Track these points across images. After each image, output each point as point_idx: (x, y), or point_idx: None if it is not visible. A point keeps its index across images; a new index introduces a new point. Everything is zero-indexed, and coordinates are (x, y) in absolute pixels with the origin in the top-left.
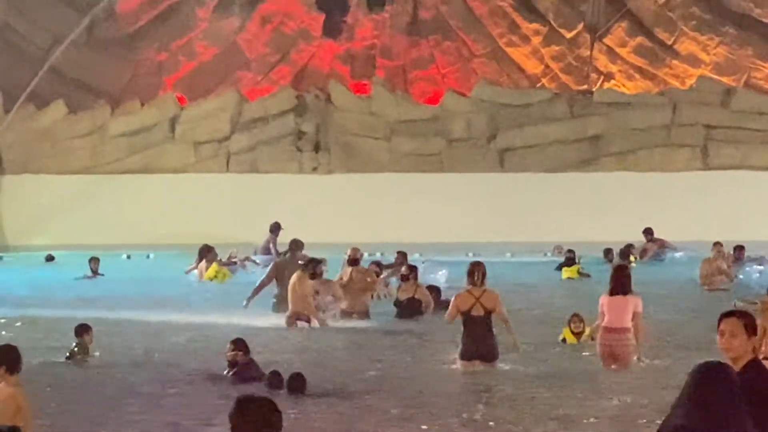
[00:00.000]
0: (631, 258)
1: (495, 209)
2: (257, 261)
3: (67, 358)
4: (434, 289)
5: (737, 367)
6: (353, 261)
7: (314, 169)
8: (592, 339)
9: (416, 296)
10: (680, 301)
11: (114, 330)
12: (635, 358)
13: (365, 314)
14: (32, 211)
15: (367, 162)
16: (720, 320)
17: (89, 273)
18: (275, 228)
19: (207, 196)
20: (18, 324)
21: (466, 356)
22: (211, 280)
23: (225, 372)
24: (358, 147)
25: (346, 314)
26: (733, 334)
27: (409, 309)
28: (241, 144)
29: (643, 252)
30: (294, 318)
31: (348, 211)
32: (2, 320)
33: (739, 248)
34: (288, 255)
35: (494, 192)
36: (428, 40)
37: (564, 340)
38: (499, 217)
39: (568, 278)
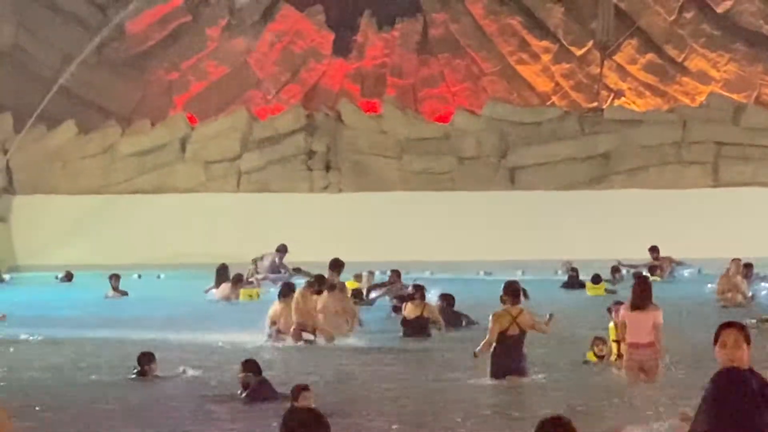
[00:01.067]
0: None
1: (506, 227)
2: (272, 281)
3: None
4: (447, 297)
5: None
6: (331, 286)
7: (325, 188)
8: (619, 356)
9: (424, 314)
10: (697, 318)
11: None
12: (663, 368)
13: (330, 338)
14: (43, 232)
15: (378, 180)
16: (720, 331)
17: (111, 291)
18: (283, 249)
19: (218, 216)
20: (67, 345)
21: (498, 374)
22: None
23: (239, 393)
24: (369, 166)
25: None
26: (737, 345)
27: (415, 328)
28: (251, 163)
29: (660, 269)
30: (299, 329)
31: (359, 230)
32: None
33: (747, 266)
34: (330, 274)
35: (505, 210)
36: (438, 59)
37: (587, 362)
38: (509, 234)
39: (595, 295)
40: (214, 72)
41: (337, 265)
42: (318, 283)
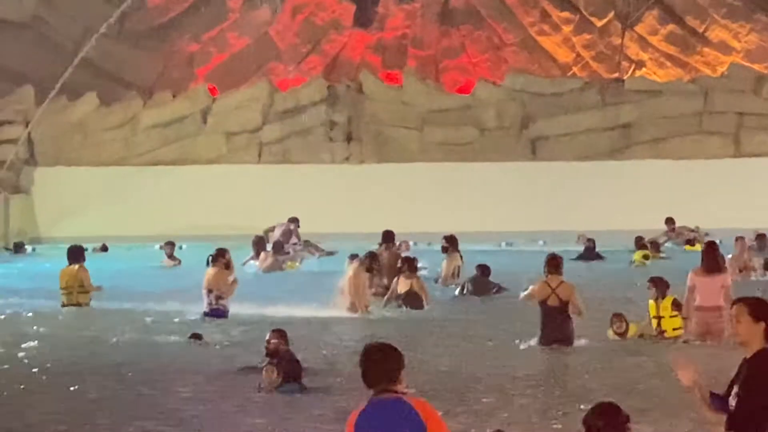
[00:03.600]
0: (645, 253)
1: (527, 198)
2: (320, 248)
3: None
4: (482, 267)
5: (748, 354)
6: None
7: (346, 159)
8: (641, 336)
9: (413, 288)
10: None
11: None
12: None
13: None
14: (64, 203)
15: (399, 152)
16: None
17: (165, 259)
18: (295, 220)
19: (239, 187)
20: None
21: (545, 342)
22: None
23: (261, 362)
24: (390, 137)
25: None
26: (738, 320)
27: (407, 303)
28: (273, 135)
29: (696, 240)
30: (352, 310)
31: (380, 201)
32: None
33: (761, 236)
34: (383, 246)
35: (526, 181)
36: (459, 30)
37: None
38: (531, 205)
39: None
40: (235, 43)
41: (389, 237)
42: (370, 261)
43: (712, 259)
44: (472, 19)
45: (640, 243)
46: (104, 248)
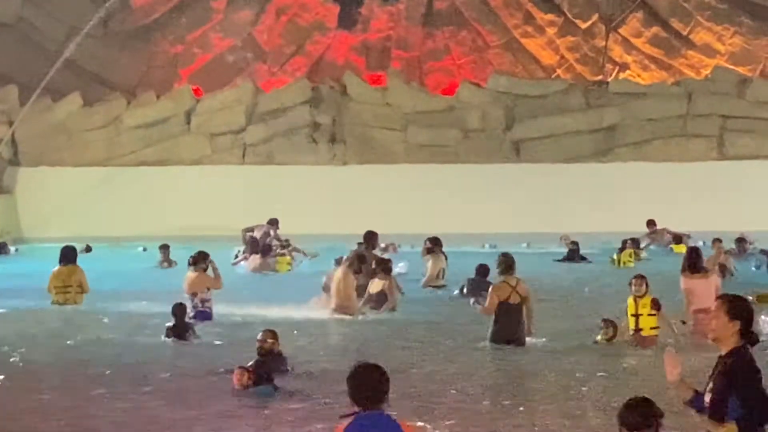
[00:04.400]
0: (627, 254)
1: (511, 200)
2: (304, 252)
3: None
4: (481, 268)
5: (723, 351)
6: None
7: (330, 161)
8: (636, 331)
9: (384, 290)
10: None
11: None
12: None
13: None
14: (48, 204)
15: (383, 153)
16: None
17: (163, 261)
18: (275, 222)
19: (223, 188)
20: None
21: (498, 340)
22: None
23: (250, 364)
24: (374, 138)
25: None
26: (714, 316)
27: (379, 302)
28: (257, 136)
29: (659, 237)
30: (338, 311)
31: (364, 202)
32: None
33: (741, 240)
34: (363, 247)
35: (510, 183)
36: (443, 31)
37: (596, 342)
38: (515, 207)
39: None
40: (219, 44)
41: (371, 238)
42: (358, 263)
43: (695, 262)
44: (456, 21)
45: (624, 244)
46: (88, 249)
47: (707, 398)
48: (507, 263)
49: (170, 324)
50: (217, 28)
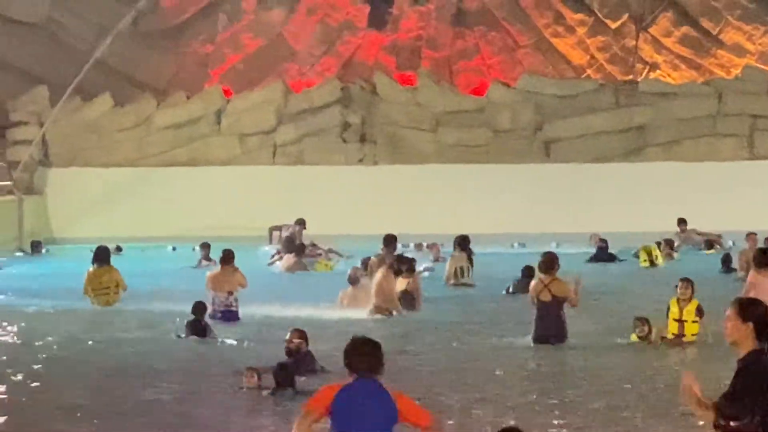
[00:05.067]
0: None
1: (541, 200)
2: (340, 253)
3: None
4: (407, 260)
5: (739, 355)
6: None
7: (360, 161)
8: (663, 338)
9: (408, 288)
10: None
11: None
12: None
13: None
14: (78, 204)
15: (413, 153)
16: None
17: (203, 261)
18: (302, 222)
19: (253, 188)
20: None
21: (537, 339)
22: (324, 271)
23: (276, 365)
24: (404, 138)
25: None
26: (728, 319)
27: (403, 304)
28: (287, 136)
29: (718, 244)
30: (376, 312)
31: (393, 203)
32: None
33: None
34: (383, 250)
35: (540, 182)
36: (473, 31)
37: (631, 344)
38: (544, 207)
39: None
40: (249, 44)
41: (391, 241)
42: (398, 264)
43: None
44: (486, 21)
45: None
46: (118, 249)
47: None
48: (545, 261)
49: (190, 320)
50: (247, 28)
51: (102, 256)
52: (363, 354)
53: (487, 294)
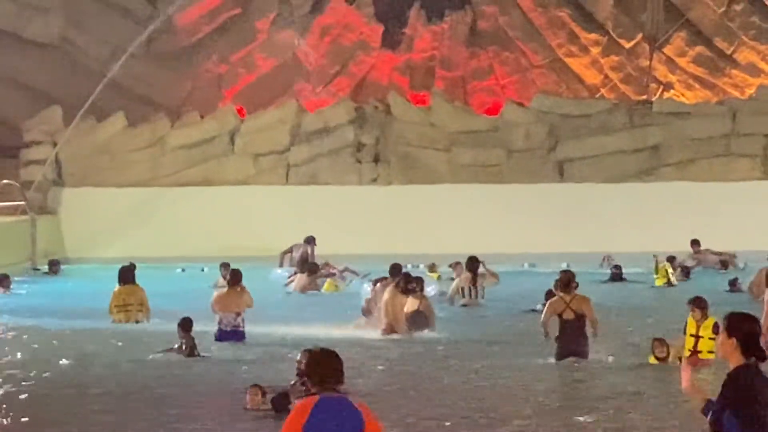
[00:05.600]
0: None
1: (554, 220)
2: (356, 271)
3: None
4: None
5: (731, 368)
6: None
7: (374, 181)
8: (680, 359)
9: (420, 308)
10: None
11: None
12: None
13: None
14: (91, 224)
15: (427, 173)
16: None
17: (221, 280)
18: (312, 240)
19: (267, 208)
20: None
21: (560, 356)
22: (332, 291)
23: (292, 383)
24: (418, 158)
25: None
26: (719, 334)
27: (414, 323)
28: (300, 156)
29: (731, 263)
30: (388, 332)
31: (408, 223)
32: None
33: None
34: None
35: (554, 202)
36: (487, 51)
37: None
38: (558, 227)
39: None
40: (263, 65)
41: (397, 270)
42: (405, 282)
43: None
44: (500, 41)
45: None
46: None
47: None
48: (563, 280)
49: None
50: (260, 48)
51: (126, 275)
52: (328, 366)
53: (497, 313)
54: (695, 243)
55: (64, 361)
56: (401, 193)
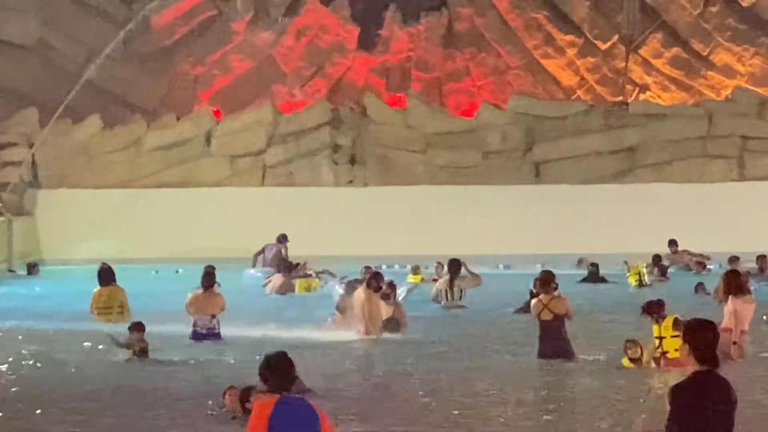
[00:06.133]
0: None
1: (531, 221)
2: (334, 273)
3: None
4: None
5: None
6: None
7: (350, 182)
8: (654, 361)
9: (395, 315)
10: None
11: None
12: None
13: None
14: (68, 226)
15: (403, 175)
16: None
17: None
18: (284, 238)
19: (243, 210)
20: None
21: (542, 356)
22: (307, 291)
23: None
24: (394, 160)
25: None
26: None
27: (388, 329)
28: (277, 157)
29: (704, 266)
30: (365, 333)
31: (384, 224)
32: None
33: (762, 257)
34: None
35: (530, 204)
36: (463, 53)
37: (620, 367)
38: (534, 229)
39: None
40: (239, 66)
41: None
42: (377, 281)
43: (742, 285)
44: (477, 42)
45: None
46: None
47: None
48: (541, 280)
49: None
50: (236, 49)
51: (105, 276)
52: (283, 370)
53: (475, 314)
54: (672, 243)
55: (31, 363)
56: (377, 195)
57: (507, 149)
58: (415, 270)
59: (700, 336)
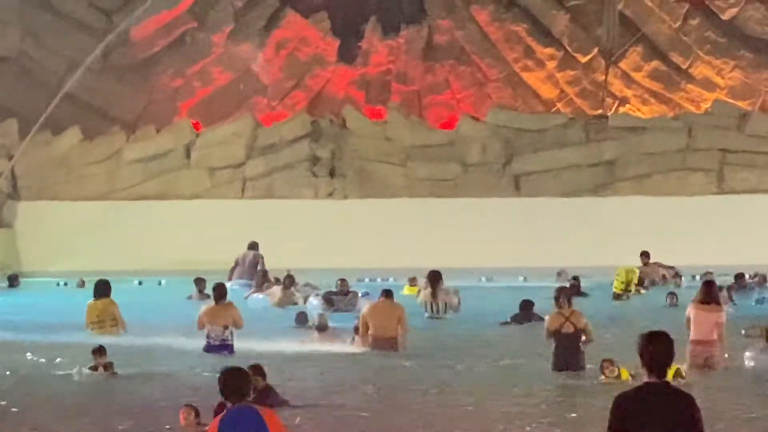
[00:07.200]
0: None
1: (510, 234)
2: (317, 286)
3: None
4: (525, 303)
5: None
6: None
7: (330, 195)
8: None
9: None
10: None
11: None
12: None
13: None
14: (47, 238)
15: (383, 187)
16: None
17: (195, 294)
18: (255, 246)
19: (223, 222)
20: None
21: (557, 368)
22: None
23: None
24: (374, 172)
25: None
26: None
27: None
28: (256, 170)
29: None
30: (374, 344)
31: (363, 237)
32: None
33: (740, 276)
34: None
35: (510, 217)
36: (443, 65)
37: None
38: (514, 241)
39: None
40: (219, 78)
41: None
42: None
43: (707, 294)
44: (456, 55)
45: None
46: (82, 284)
47: None
48: (565, 295)
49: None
50: (216, 62)
51: (100, 289)
52: (237, 382)
53: (460, 325)
54: (645, 255)
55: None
56: (357, 207)
57: (486, 162)
58: (412, 281)
59: (651, 348)
